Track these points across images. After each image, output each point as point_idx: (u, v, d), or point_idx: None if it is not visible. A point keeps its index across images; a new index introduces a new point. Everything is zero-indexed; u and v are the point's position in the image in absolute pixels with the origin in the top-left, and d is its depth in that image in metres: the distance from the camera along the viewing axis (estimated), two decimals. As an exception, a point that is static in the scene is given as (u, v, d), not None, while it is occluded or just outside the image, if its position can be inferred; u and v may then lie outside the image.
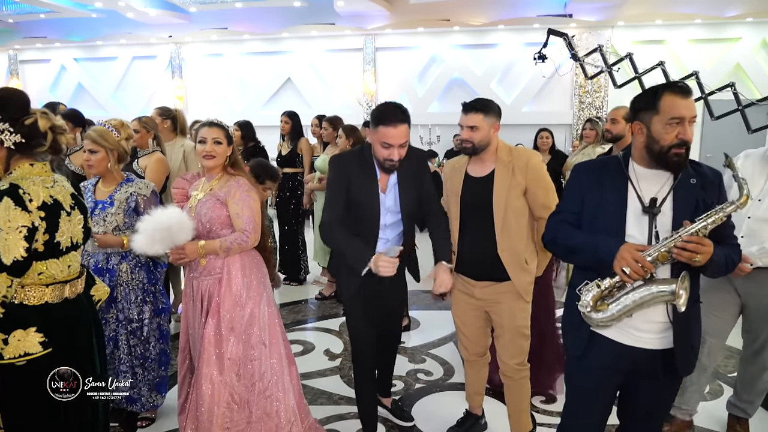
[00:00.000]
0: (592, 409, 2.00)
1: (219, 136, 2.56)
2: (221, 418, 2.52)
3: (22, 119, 1.75)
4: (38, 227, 1.71)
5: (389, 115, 2.36)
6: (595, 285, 1.82)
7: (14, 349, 1.68)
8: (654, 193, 1.84)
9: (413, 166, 2.55)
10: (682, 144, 1.77)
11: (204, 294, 2.60)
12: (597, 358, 1.92)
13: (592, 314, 1.83)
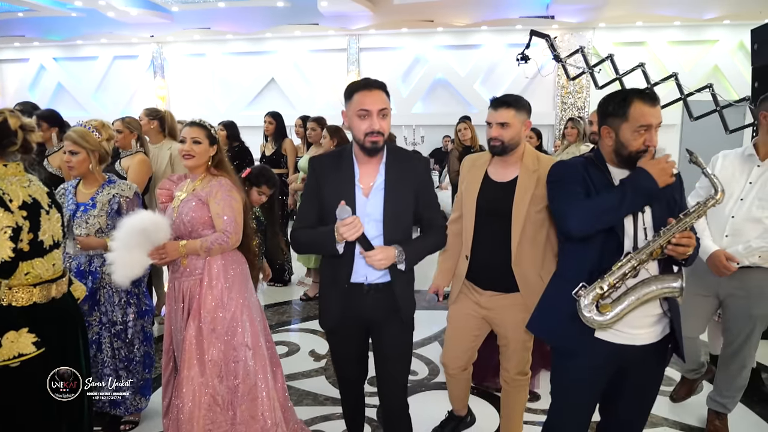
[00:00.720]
0: (581, 408, 2.04)
1: (198, 136, 2.54)
2: (203, 420, 2.51)
3: None
4: (22, 227, 1.70)
5: (362, 82, 2.09)
6: (596, 286, 1.84)
7: (8, 350, 1.68)
8: None
9: (410, 168, 2.15)
10: (648, 149, 1.84)
11: (185, 295, 2.59)
12: (589, 358, 1.95)
13: (595, 317, 1.85)
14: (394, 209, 2.08)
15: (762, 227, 2.61)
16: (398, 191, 2.09)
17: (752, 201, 2.61)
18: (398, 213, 2.10)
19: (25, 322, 1.72)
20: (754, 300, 2.71)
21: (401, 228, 2.11)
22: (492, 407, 3.22)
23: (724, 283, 2.74)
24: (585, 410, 2.05)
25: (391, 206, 2.08)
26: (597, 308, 1.85)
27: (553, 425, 2.13)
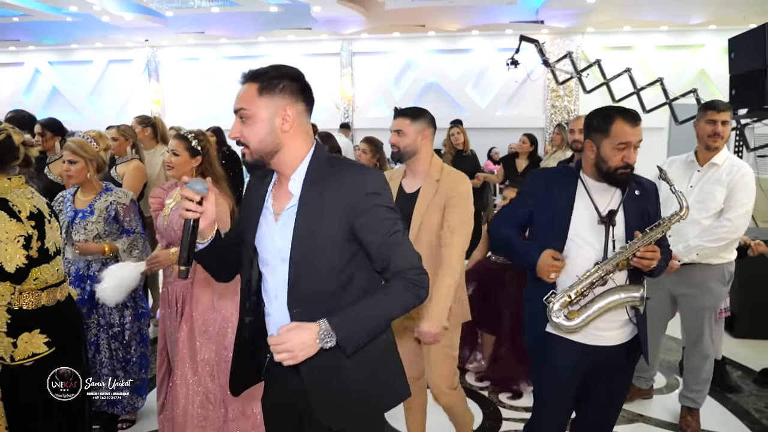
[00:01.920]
0: (558, 406, 2.17)
1: (176, 148, 2.64)
2: (196, 417, 2.62)
3: None
4: (32, 236, 1.83)
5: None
6: (564, 294, 1.98)
7: (23, 350, 1.81)
8: (605, 204, 2.02)
9: (340, 186, 1.48)
10: (626, 166, 1.97)
11: (178, 298, 2.71)
12: (561, 359, 2.08)
13: (563, 322, 1.99)
14: (309, 244, 1.46)
15: (700, 228, 2.84)
16: (317, 219, 1.46)
17: (692, 204, 2.76)
18: (316, 251, 1.46)
19: (36, 324, 1.85)
20: (700, 294, 2.94)
21: (318, 274, 1.47)
22: (475, 404, 3.35)
23: (671, 281, 2.95)
24: (561, 408, 2.18)
25: (304, 240, 1.46)
26: (565, 315, 1.98)
27: (534, 422, 2.27)
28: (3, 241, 1.76)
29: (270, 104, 1.47)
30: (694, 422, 3.04)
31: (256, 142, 1.47)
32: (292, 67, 1.54)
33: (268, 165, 1.51)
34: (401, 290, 1.46)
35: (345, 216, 1.46)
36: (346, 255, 1.49)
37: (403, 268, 1.47)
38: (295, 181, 1.51)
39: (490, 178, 6.38)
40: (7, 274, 1.78)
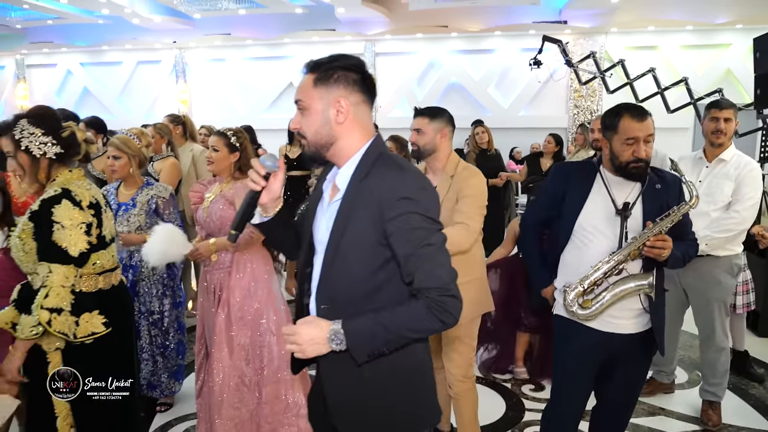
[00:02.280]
0: (576, 390, 2.25)
1: (216, 144, 2.80)
2: (231, 398, 2.76)
3: (60, 132, 2.00)
4: (92, 223, 1.98)
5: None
6: (578, 284, 2.08)
7: (84, 329, 1.95)
8: (624, 197, 2.10)
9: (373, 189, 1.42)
10: (637, 160, 2.05)
11: (216, 286, 2.85)
12: (580, 344, 2.17)
13: (579, 311, 2.09)
14: (343, 241, 1.44)
15: (708, 219, 2.94)
16: (352, 218, 1.44)
17: (701, 197, 2.87)
18: (348, 250, 1.44)
19: (95, 305, 2.00)
20: (709, 285, 3.02)
21: (348, 273, 1.44)
22: (498, 396, 3.44)
23: (681, 274, 3.05)
24: (578, 393, 2.26)
25: (338, 237, 1.45)
26: (579, 303, 2.08)
27: (552, 405, 2.36)
28: (68, 227, 1.91)
29: (324, 95, 1.44)
30: (716, 416, 3.09)
31: (312, 133, 1.46)
32: (352, 56, 1.52)
33: (324, 157, 1.50)
34: (423, 309, 1.36)
35: (378, 219, 1.39)
36: (378, 259, 1.42)
37: (428, 287, 1.36)
38: (344, 176, 1.48)
39: (513, 177, 6.45)
40: (72, 258, 1.92)
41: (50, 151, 1.98)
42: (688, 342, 4.08)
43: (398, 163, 1.48)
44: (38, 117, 1.98)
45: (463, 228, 2.36)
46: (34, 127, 1.95)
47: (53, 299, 1.90)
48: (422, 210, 1.39)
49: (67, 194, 1.94)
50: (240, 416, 2.77)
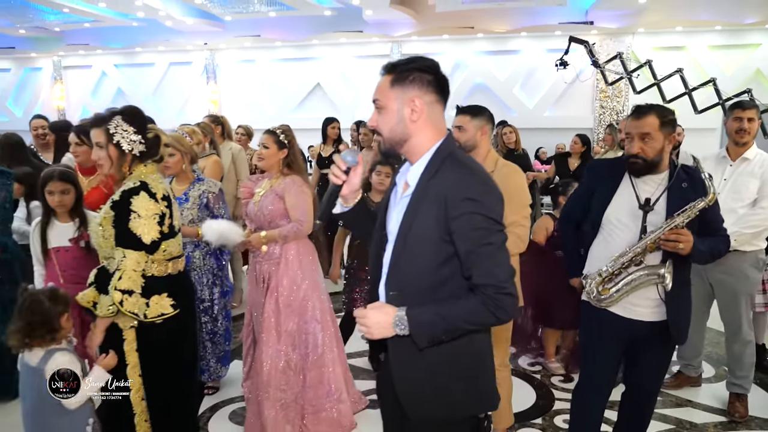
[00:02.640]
0: (600, 372, 2.40)
1: (266, 142, 2.99)
2: (277, 381, 2.94)
3: (147, 133, 2.20)
4: (165, 214, 2.17)
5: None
6: (597, 274, 2.25)
7: (154, 310, 2.14)
8: (650, 193, 2.24)
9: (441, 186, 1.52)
10: (631, 156, 2.20)
11: (265, 276, 3.03)
12: (602, 329, 2.32)
13: (597, 297, 2.26)
14: (410, 235, 1.54)
15: (735, 216, 3.04)
16: (420, 214, 1.53)
17: (727, 194, 3.06)
18: (415, 243, 1.53)
19: (164, 288, 2.19)
20: (737, 280, 3.12)
21: (415, 263, 1.54)
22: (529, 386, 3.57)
23: (709, 268, 3.14)
24: (603, 375, 2.40)
25: (407, 230, 1.55)
26: (598, 291, 2.24)
27: (578, 388, 2.51)
28: (143, 217, 2.10)
29: (399, 95, 1.54)
30: (742, 407, 3.18)
31: (387, 130, 1.57)
32: (428, 58, 1.60)
33: (399, 153, 1.60)
34: (479, 305, 1.46)
35: (443, 217, 1.48)
36: (442, 255, 1.50)
37: (485, 284, 1.46)
38: (414, 173, 1.57)
39: (540, 177, 6.54)
40: (144, 245, 2.12)
41: (137, 148, 2.18)
42: (715, 339, 4.15)
43: (466, 163, 1.56)
44: (131, 116, 2.18)
45: (515, 237, 2.47)
46: (127, 125, 2.15)
47: (125, 282, 2.09)
48: (485, 211, 1.47)
49: (144, 187, 2.14)
50: (285, 398, 2.95)
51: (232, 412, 3.28)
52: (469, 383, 1.59)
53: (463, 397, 1.59)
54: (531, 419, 3.18)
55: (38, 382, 2.02)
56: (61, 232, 2.78)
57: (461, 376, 1.58)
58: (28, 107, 13.40)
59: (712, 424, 3.14)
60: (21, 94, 13.63)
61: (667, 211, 2.20)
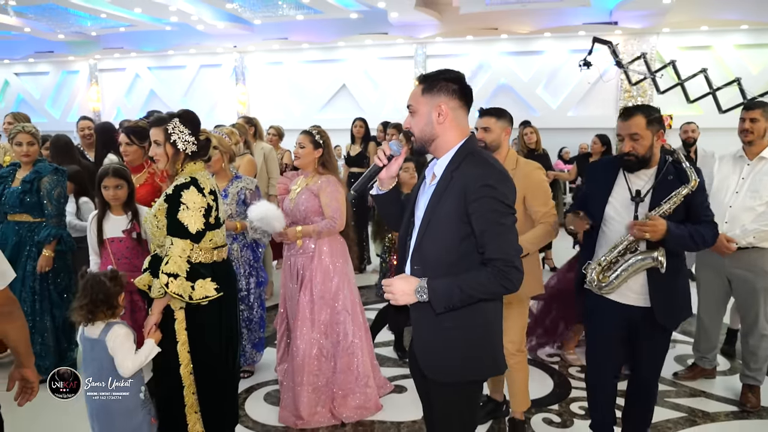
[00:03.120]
0: (603, 355, 2.60)
1: (303, 141, 3.20)
2: (311, 366, 3.15)
3: (198, 135, 2.45)
4: (211, 207, 2.40)
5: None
6: (596, 264, 2.44)
7: (199, 293, 2.37)
8: (641, 186, 2.43)
9: (461, 178, 1.77)
10: (626, 154, 2.39)
11: (299, 269, 3.25)
12: (603, 314, 2.52)
13: (598, 285, 2.44)
14: (434, 216, 1.80)
15: (754, 213, 3.16)
16: (444, 198, 1.79)
17: (746, 193, 3.19)
18: (438, 223, 1.79)
19: (209, 273, 2.42)
20: (756, 276, 3.22)
21: (436, 241, 1.79)
22: (547, 375, 3.73)
23: (728, 264, 3.27)
24: (606, 357, 2.59)
25: (431, 212, 1.81)
26: (599, 279, 2.42)
27: (588, 366, 2.72)
28: (191, 209, 2.34)
29: (429, 101, 1.81)
30: (755, 398, 3.29)
31: (418, 131, 1.84)
32: (453, 70, 1.86)
33: (428, 150, 1.86)
34: (489, 275, 1.69)
35: (463, 200, 1.72)
36: (461, 233, 1.74)
37: (495, 257, 1.69)
38: (440, 166, 1.83)
39: (561, 176, 6.66)
40: (190, 234, 2.35)
41: (189, 148, 2.42)
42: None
43: (486, 159, 1.83)
44: (187, 119, 2.42)
45: (546, 226, 2.73)
46: (183, 126, 2.40)
47: (171, 266, 2.33)
48: (499, 196, 1.72)
49: (194, 182, 2.38)
50: (318, 382, 3.17)
51: (266, 393, 3.50)
52: (480, 349, 1.83)
53: (475, 361, 1.83)
54: (548, 405, 3.35)
55: (99, 352, 2.27)
56: (116, 224, 3.04)
57: (474, 342, 1.81)
58: (65, 109, 13.97)
59: (724, 413, 3.26)
60: (58, 96, 14.20)
61: (652, 200, 2.39)
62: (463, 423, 1.90)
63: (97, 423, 2.32)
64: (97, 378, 2.28)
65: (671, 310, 2.44)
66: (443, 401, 1.89)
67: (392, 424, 3.15)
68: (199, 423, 2.53)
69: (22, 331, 1.87)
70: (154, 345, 2.33)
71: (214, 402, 2.57)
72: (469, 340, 1.81)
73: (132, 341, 2.31)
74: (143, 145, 3.44)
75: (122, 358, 2.25)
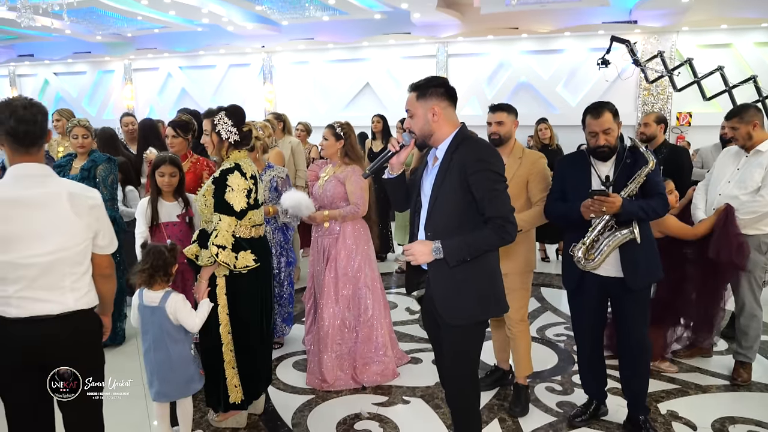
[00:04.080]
0: (586, 320, 2.98)
1: (326, 134, 3.56)
2: (335, 336, 3.52)
3: (242, 126, 2.81)
4: (252, 189, 2.76)
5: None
6: (581, 243, 2.77)
7: (241, 262, 2.74)
8: (605, 172, 2.79)
9: (460, 156, 2.18)
10: (602, 146, 2.73)
11: (325, 248, 3.60)
12: (587, 290, 2.88)
13: (585, 263, 2.78)
14: (441, 190, 2.19)
15: (738, 202, 3.41)
16: (447, 175, 2.18)
17: (735, 183, 3.44)
18: (444, 195, 2.18)
19: (249, 246, 2.78)
20: None
21: (444, 212, 2.18)
22: (553, 351, 4.03)
23: None
24: (590, 322, 2.96)
25: (438, 187, 2.20)
26: (585, 257, 2.75)
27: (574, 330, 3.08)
28: (236, 190, 2.71)
29: (423, 105, 2.22)
30: (746, 373, 3.54)
31: (418, 129, 2.26)
32: (439, 77, 2.30)
33: (428, 143, 2.28)
34: (490, 231, 2.12)
35: (463, 174, 2.14)
36: (465, 202, 2.16)
37: (494, 216, 2.11)
38: (441, 151, 2.25)
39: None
40: (234, 212, 2.72)
41: (232, 137, 2.79)
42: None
43: (477, 141, 2.25)
44: (232, 112, 2.80)
45: (540, 209, 3.04)
46: (227, 118, 2.77)
47: (220, 239, 2.70)
48: (492, 167, 2.16)
49: (238, 167, 2.75)
50: (341, 351, 3.52)
51: (295, 362, 3.87)
52: (486, 292, 2.25)
53: (482, 303, 2.24)
54: (552, 377, 3.65)
55: (159, 318, 2.65)
56: (167, 209, 3.39)
57: (481, 287, 2.23)
58: (101, 107, 14.59)
59: (716, 386, 3.51)
60: (95, 94, 14.83)
61: (617, 182, 2.73)
62: (469, 359, 2.32)
63: (157, 378, 2.69)
64: (159, 341, 2.67)
65: (638, 276, 2.76)
66: (455, 342, 2.28)
67: (408, 388, 3.49)
68: (236, 378, 2.91)
69: (113, 290, 2.28)
70: (209, 302, 2.73)
71: (249, 360, 2.94)
72: (478, 288, 2.22)
73: (188, 304, 2.69)
74: (187, 137, 3.83)
75: (186, 317, 2.66)
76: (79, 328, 2.05)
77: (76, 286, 2.02)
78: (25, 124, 1.93)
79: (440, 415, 3.19)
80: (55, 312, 1.97)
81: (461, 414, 2.38)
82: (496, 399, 3.36)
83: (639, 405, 2.95)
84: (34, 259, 1.92)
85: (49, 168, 2.03)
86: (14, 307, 1.94)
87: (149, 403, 3.11)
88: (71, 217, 1.98)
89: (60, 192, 1.99)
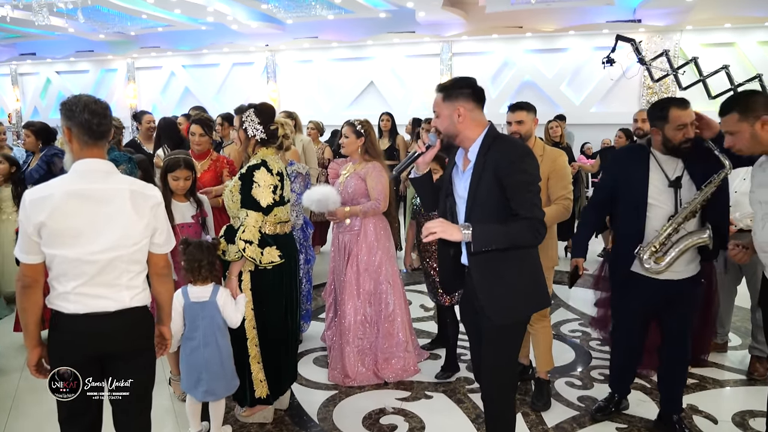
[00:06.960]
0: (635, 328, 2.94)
1: (346, 132, 3.58)
2: (356, 331, 3.55)
3: (270, 125, 2.84)
4: (278, 186, 2.79)
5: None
6: (651, 246, 2.68)
7: (267, 258, 2.77)
8: (672, 171, 2.68)
9: (494, 155, 2.17)
10: (687, 140, 2.62)
11: (346, 244, 3.63)
12: (640, 292, 2.80)
13: (654, 266, 2.68)
14: (478, 190, 2.19)
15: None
16: (483, 176, 2.18)
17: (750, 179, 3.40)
18: (481, 195, 2.18)
19: (274, 243, 2.82)
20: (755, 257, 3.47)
21: (484, 211, 2.18)
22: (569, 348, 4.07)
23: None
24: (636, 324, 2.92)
25: (475, 188, 2.20)
26: (654, 261, 2.67)
27: (613, 338, 3.05)
28: (262, 186, 2.73)
29: (449, 106, 2.22)
30: (762, 368, 3.58)
31: (443, 129, 2.26)
32: (466, 78, 2.27)
33: (454, 143, 2.29)
34: (524, 227, 2.09)
35: (498, 175, 2.13)
36: (501, 201, 2.15)
37: (527, 216, 2.10)
38: (472, 152, 2.23)
39: (585, 168, 6.93)
40: (261, 207, 2.74)
41: (258, 135, 2.82)
42: (746, 316, 4.50)
43: (510, 140, 2.27)
44: (260, 111, 2.83)
45: (560, 207, 3.07)
46: (255, 116, 2.80)
47: (247, 234, 2.73)
48: (527, 168, 2.16)
49: (264, 164, 2.78)
50: (362, 345, 3.55)
51: (315, 358, 3.90)
52: (529, 287, 2.28)
53: (528, 300, 2.29)
54: (571, 371, 3.69)
55: (211, 312, 2.70)
56: (182, 210, 3.33)
57: (524, 281, 2.26)
58: (105, 105, 14.57)
59: (732, 380, 3.56)
60: (97, 93, 14.54)
61: (694, 183, 2.64)
62: (509, 356, 2.34)
63: (207, 376, 2.71)
64: (210, 334, 2.70)
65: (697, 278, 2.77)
66: (497, 340, 2.29)
67: (429, 383, 3.53)
68: (261, 372, 2.95)
69: (171, 292, 2.26)
70: (245, 297, 2.77)
71: (274, 355, 2.97)
72: (525, 286, 2.27)
73: (232, 300, 2.75)
74: (210, 134, 3.86)
75: (233, 311, 2.72)
76: (133, 324, 2.07)
77: (132, 284, 2.04)
78: (98, 117, 1.97)
79: (464, 410, 3.22)
80: (111, 309, 1.99)
81: (497, 408, 2.40)
82: (518, 394, 3.39)
83: (675, 403, 2.94)
84: (97, 256, 1.94)
85: (112, 165, 2.05)
86: (72, 302, 1.95)
87: (172, 402, 3.13)
88: (132, 215, 2.00)
89: (123, 189, 2.00)
